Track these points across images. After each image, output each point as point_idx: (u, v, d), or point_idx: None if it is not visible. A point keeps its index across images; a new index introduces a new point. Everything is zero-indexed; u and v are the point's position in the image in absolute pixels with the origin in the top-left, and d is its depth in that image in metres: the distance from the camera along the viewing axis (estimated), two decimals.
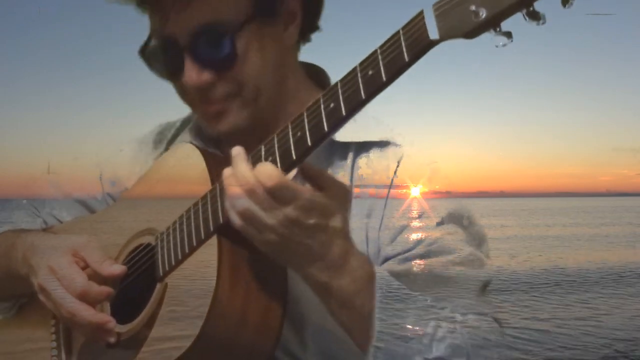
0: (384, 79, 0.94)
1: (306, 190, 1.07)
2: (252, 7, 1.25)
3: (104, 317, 1.27)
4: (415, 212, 1.30)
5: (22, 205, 1.70)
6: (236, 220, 1.09)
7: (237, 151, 1.10)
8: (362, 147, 1.35)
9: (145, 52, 1.33)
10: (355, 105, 0.99)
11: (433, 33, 0.88)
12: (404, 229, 1.29)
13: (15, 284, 1.45)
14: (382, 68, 0.94)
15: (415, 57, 0.91)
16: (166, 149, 1.54)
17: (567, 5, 0.83)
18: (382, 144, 1.35)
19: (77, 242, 1.34)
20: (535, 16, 0.83)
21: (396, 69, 0.93)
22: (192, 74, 1.25)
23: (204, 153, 1.28)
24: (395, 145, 1.35)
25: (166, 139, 1.58)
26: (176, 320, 1.20)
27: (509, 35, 0.85)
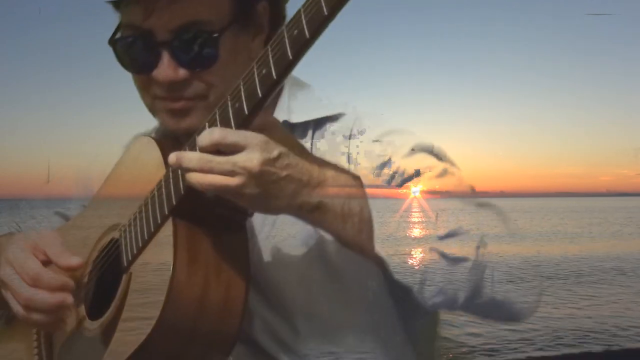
0: (308, 35, 0.93)
1: (251, 132, 1.05)
2: (232, 12, 1.26)
3: (59, 295, 1.24)
4: (398, 217, 1.25)
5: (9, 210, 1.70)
6: (199, 179, 1.06)
7: (174, 157, 1.09)
8: (319, 124, 1.35)
9: (115, 43, 1.32)
10: (285, 67, 0.98)
11: None
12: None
13: None
14: (305, 26, 0.93)
15: (334, 9, 0.90)
16: None
17: None
18: (335, 117, 1.36)
19: (38, 236, 1.33)
20: None
21: (317, 24, 0.92)
22: (169, 69, 1.25)
23: (159, 142, 1.28)
24: (345, 115, 1.35)
25: None
26: (139, 308, 1.18)
27: None
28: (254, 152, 1.03)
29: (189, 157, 1.07)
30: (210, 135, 1.04)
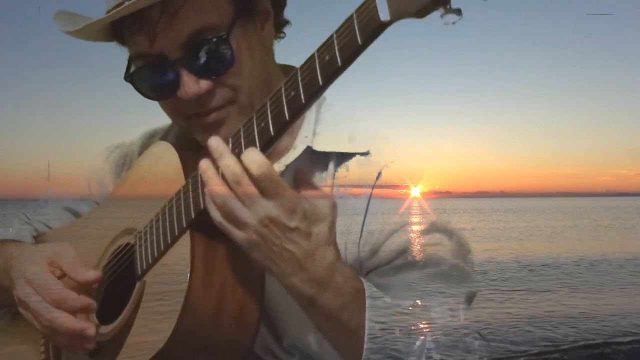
0: (340, 63, 0.91)
1: (292, 191, 1.03)
2: (233, 8, 1.23)
3: (83, 323, 1.23)
4: (398, 218, 1.27)
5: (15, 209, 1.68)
6: (217, 216, 1.06)
7: (217, 142, 1.06)
8: (343, 157, 1.32)
9: (132, 77, 1.29)
10: (314, 92, 0.96)
11: (384, 14, 0.85)
12: (385, 240, 1.26)
13: (1, 294, 1.43)
14: (337, 52, 0.91)
15: (369, 39, 0.88)
16: None
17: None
18: (363, 154, 1.33)
19: (53, 251, 1.31)
20: None
21: (350, 53, 0.90)
22: (190, 85, 1.22)
23: (179, 150, 1.26)
24: (379, 152, 1.33)
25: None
26: (154, 318, 1.17)
27: (458, 12, 0.82)
28: (275, 208, 1.01)
29: (230, 167, 1.03)
30: (257, 167, 1.00)
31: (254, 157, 1.01)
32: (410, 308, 1.14)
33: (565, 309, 10.20)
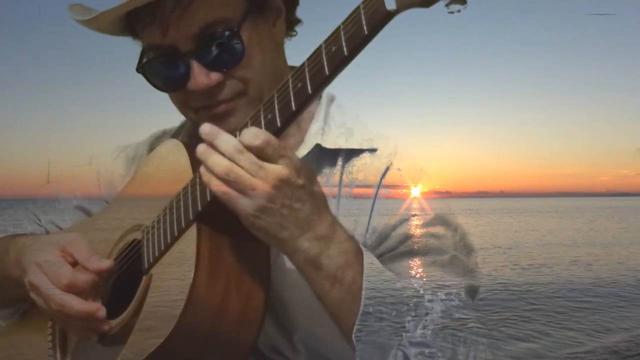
0: (346, 53, 0.92)
1: (292, 151, 1.06)
2: (245, 3, 1.24)
3: (93, 305, 1.24)
4: (404, 212, 1.28)
5: (23, 210, 1.68)
6: (220, 188, 1.05)
7: (209, 127, 1.08)
8: (351, 154, 1.33)
9: (143, 68, 1.31)
10: (321, 82, 0.98)
11: (390, 4, 0.86)
12: (391, 232, 1.27)
13: (11, 288, 1.44)
14: (343, 43, 0.92)
15: (375, 29, 0.90)
16: None
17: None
18: (371, 151, 1.34)
19: (65, 239, 1.32)
20: None
21: (357, 43, 0.92)
22: (201, 76, 1.23)
23: (187, 147, 1.27)
24: (383, 151, 1.34)
25: None
26: (158, 311, 1.17)
27: (462, 1, 0.84)
28: (284, 168, 1.03)
29: (227, 141, 1.05)
30: (255, 138, 1.02)
31: (249, 130, 1.03)
32: (408, 295, 1.13)
33: None
